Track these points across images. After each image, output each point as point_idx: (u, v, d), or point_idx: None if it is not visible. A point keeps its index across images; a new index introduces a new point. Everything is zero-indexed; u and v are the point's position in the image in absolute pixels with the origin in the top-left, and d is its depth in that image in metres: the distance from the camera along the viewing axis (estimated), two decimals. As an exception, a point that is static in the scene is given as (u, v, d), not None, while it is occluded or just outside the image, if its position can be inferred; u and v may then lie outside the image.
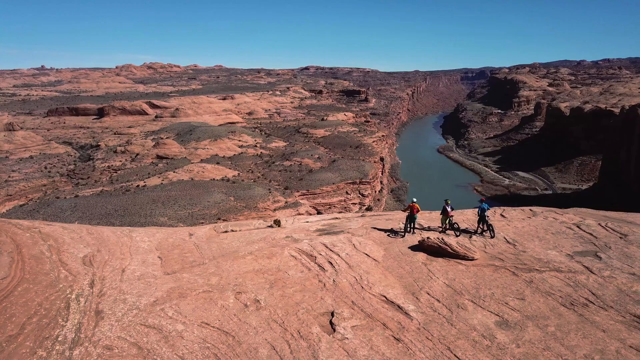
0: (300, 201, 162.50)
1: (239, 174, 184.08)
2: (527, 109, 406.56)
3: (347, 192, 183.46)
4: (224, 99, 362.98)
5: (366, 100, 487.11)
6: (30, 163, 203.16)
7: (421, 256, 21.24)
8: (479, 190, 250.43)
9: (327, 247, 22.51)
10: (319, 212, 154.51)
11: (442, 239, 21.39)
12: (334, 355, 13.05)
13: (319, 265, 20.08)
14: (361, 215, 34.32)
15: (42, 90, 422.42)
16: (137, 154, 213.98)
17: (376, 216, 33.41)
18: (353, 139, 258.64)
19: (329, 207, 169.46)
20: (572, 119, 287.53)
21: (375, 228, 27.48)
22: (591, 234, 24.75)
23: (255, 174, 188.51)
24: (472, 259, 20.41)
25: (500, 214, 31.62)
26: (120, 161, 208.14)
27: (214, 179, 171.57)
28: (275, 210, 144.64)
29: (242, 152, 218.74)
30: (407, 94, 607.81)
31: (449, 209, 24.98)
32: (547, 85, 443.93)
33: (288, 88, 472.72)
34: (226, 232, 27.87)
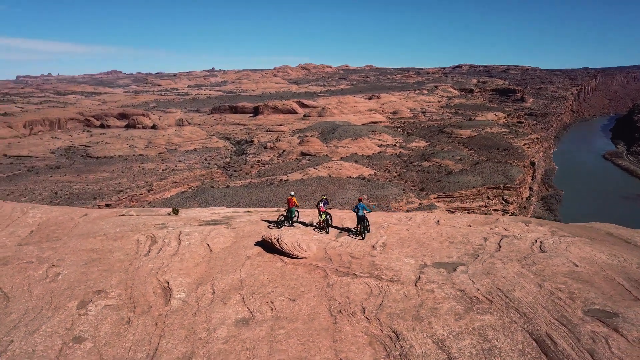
0: (436, 204, 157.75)
1: (375, 172, 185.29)
2: None
3: (488, 197, 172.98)
4: (370, 98, 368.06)
5: (522, 99, 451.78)
6: (194, 155, 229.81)
7: (255, 250, 21.09)
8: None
9: (179, 235, 22.59)
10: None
11: (280, 235, 21.19)
12: (55, 327, 13.73)
13: (149, 250, 20.52)
14: (275, 210, 34.36)
15: (209, 90, 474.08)
16: (284, 150, 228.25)
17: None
18: (502, 141, 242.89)
19: (467, 212, 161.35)
20: None
21: (263, 220, 27.88)
22: (497, 246, 21.89)
23: (392, 173, 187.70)
24: (298, 257, 20.26)
25: (437, 221, 28.59)
26: (268, 156, 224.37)
27: (350, 176, 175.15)
28: (407, 211, 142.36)
29: (380, 152, 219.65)
30: (572, 93, 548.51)
31: (321, 205, 25.03)
32: None
33: (436, 87, 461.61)
34: (123, 215, 28.92)
